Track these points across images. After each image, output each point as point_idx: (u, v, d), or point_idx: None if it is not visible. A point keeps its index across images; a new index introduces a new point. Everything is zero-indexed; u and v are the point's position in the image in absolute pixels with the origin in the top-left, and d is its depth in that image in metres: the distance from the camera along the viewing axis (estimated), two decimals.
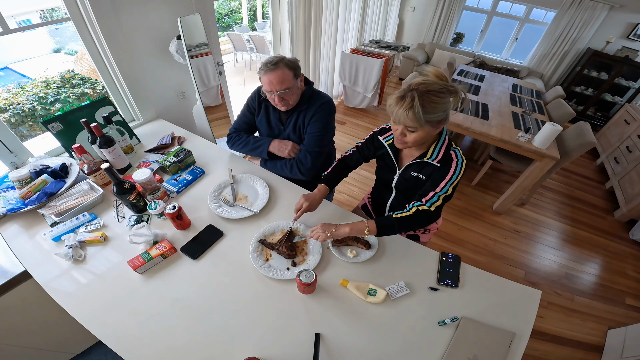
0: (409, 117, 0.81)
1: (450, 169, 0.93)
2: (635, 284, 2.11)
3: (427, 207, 0.94)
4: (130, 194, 1.05)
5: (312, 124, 1.22)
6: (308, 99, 1.22)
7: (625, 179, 2.71)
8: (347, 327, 0.86)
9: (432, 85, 0.81)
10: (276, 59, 1.08)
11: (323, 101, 1.22)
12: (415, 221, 0.95)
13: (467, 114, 2.39)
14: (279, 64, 1.07)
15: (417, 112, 0.79)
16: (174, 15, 1.58)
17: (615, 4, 3.62)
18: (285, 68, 1.08)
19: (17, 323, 1.11)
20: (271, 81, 1.08)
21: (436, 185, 0.94)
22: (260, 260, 1.00)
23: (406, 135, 0.88)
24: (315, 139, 1.24)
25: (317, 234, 0.98)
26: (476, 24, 4.81)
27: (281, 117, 1.29)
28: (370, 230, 0.96)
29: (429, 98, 0.79)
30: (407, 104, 0.80)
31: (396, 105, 0.83)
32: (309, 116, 1.22)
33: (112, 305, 0.87)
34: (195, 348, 0.79)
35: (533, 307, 0.92)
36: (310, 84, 1.25)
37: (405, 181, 1.07)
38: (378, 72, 3.40)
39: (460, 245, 2.22)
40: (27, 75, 4.47)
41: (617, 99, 4.04)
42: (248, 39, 4.92)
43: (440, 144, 0.95)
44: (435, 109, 0.80)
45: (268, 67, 1.07)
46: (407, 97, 0.80)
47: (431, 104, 0.80)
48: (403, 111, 0.81)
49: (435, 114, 0.81)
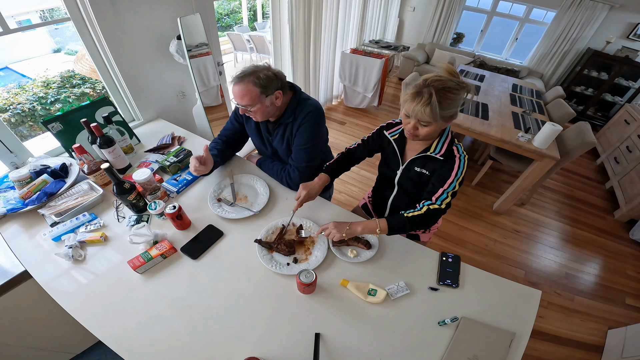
0: (426, 113, 0.82)
1: (455, 165, 0.95)
2: (635, 284, 2.11)
3: (438, 205, 0.95)
4: (130, 194, 1.05)
5: (298, 135, 1.14)
6: (293, 111, 1.13)
7: (625, 179, 2.71)
8: (347, 327, 0.86)
9: (447, 82, 0.83)
10: (247, 71, 1.02)
11: (309, 110, 1.12)
12: (427, 220, 0.96)
13: (467, 114, 2.39)
14: (245, 78, 1.01)
15: (434, 109, 0.81)
16: (174, 15, 1.58)
17: (615, 4, 3.62)
18: (250, 84, 1.00)
19: (17, 323, 1.11)
20: (235, 93, 1.04)
21: (443, 181, 0.95)
22: (264, 250, 1.02)
23: (418, 129, 0.90)
24: (302, 152, 1.16)
25: (331, 233, 0.97)
26: (476, 24, 4.81)
27: (268, 127, 1.23)
28: (382, 229, 0.96)
29: (445, 95, 0.81)
30: (425, 100, 0.81)
31: (412, 101, 0.84)
32: (296, 127, 1.14)
33: (112, 305, 0.87)
34: (195, 348, 0.79)
35: (533, 307, 0.92)
36: (297, 92, 1.15)
37: (408, 177, 1.08)
38: (378, 72, 3.40)
39: (460, 245, 2.22)
40: (27, 75, 4.47)
41: (617, 99, 4.04)
42: (248, 39, 4.92)
43: (444, 139, 0.97)
44: (451, 105, 0.83)
45: (234, 79, 1.03)
46: (424, 93, 0.82)
47: (447, 100, 0.82)
48: (420, 107, 0.82)
49: (450, 110, 0.84)
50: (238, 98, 1.04)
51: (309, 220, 1.13)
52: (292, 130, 1.16)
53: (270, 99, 1.06)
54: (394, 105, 4.13)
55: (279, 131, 1.19)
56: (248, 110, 1.07)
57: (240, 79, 1.02)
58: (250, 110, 1.07)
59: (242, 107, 1.06)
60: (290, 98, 1.14)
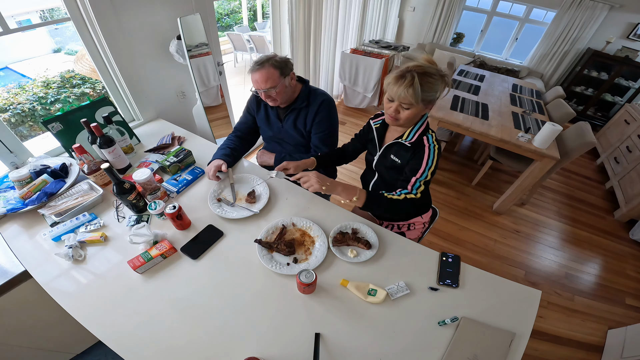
0: (408, 94, 0.88)
1: (424, 155, 1.01)
2: (635, 284, 2.11)
3: (414, 195, 1.02)
4: (130, 194, 1.05)
5: (318, 124, 1.28)
6: (306, 97, 1.26)
7: (625, 179, 2.71)
8: (347, 327, 0.86)
9: (428, 68, 0.90)
10: (264, 58, 1.13)
11: (322, 99, 1.26)
12: (402, 207, 1.02)
13: (467, 114, 2.39)
14: (264, 63, 1.11)
15: (417, 90, 0.88)
16: (174, 15, 1.58)
17: (615, 4, 3.62)
18: (271, 67, 1.11)
19: (17, 323, 1.11)
20: (257, 80, 1.13)
21: (415, 171, 1.02)
22: (264, 250, 1.02)
23: (399, 112, 0.96)
24: (326, 137, 1.31)
25: (310, 183, 1.00)
26: (476, 24, 4.81)
27: (279, 114, 1.32)
28: (360, 199, 1.01)
29: (426, 79, 0.89)
30: (408, 82, 0.88)
31: (395, 83, 0.90)
32: (311, 115, 1.27)
33: (112, 305, 0.87)
34: (196, 348, 0.79)
35: (533, 307, 0.92)
36: (306, 82, 1.28)
37: (384, 163, 1.14)
38: (378, 72, 3.40)
39: (460, 245, 2.22)
40: (27, 75, 4.47)
41: (617, 99, 4.04)
42: (248, 39, 4.92)
43: (418, 127, 1.03)
44: (431, 89, 0.90)
45: (254, 67, 1.13)
46: (407, 76, 0.88)
47: (428, 84, 0.89)
48: (403, 89, 0.88)
49: (430, 94, 0.91)
50: (262, 82, 1.13)
51: (309, 220, 1.13)
52: (305, 115, 1.28)
53: (287, 80, 1.17)
54: None
55: (291, 116, 1.29)
56: (270, 94, 1.16)
57: (261, 65, 1.11)
58: (273, 93, 1.15)
59: (264, 91, 1.14)
60: (302, 86, 1.27)
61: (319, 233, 1.09)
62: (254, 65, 1.13)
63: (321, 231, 1.09)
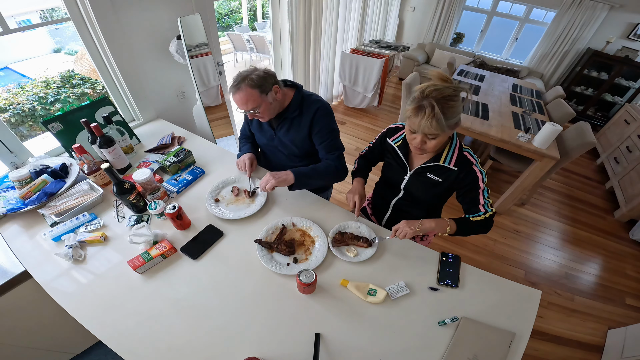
0: (432, 126, 0.81)
1: (477, 175, 0.98)
2: (635, 284, 2.11)
3: (492, 211, 1.00)
4: (130, 194, 1.05)
5: (320, 133, 1.18)
6: (298, 105, 1.17)
7: (625, 179, 2.71)
8: (347, 327, 0.86)
9: (444, 91, 0.81)
10: (239, 78, 1.04)
11: (317, 107, 1.16)
12: (487, 225, 1.00)
13: (467, 114, 2.39)
14: (240, 84, 1.03)
15: (440, 120, 0.80)
16: (174, 15, 1.58)
17: (615, 4, 3.62)
18: (248, 88, 1.03)
19: (17, 323, 1.11)
20: (237, 102, 1.07)
21: (476, 191, 0.99)
22: (264, 250, 1.02)
23: (426, 143, 0.89)
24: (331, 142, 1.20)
25: (403, 231, 0.97)
26: (476, 24, 4.81)
27: (271, 122, 1.26)
28: (451, 229, 0.98)
29: (446, 104, 0.81)
30: (429, 114, 0.80)
31: (416, 116, 0.83)
32: (306, 124, 1.18)
33: (112, 305, 0.87)
34: (196, 348, 0.79)
35: (533, 307, 0.92)
36: (299, 88, 1.19)
37: (419, 182, 1.08)
38: (378, 72, 3.40)
39: (460, 245, 2.22)
40: (27, 75, 4.47)
41: (617, 99, 4.04)
42: (248, 39, 4.92)
43: (454, 147, 0.98)
44: (454, 113, 0.83)
45: (231, 88, 1.06)
46: (426, 106, 0.81)
47: (450, 109, 0.81)
48: (426, 121, 0.81)
49: (455, 118, 0.84)
50: (242, 105, 1.07)
51: (309, 220, 1.13)
52: (299, 125, 1.19)
53: (270, 95, 1.09)
54: (394, 105, 4.13)
55: (284, 125, 1.22)
56: (256, 114, 1.11)
57: (237, 88, 1.04)
58: (258, 112, 1.10)
59: (249, 112, 1.09)
60: (293, 94, 1.18)
61: (319, 233, 1.09)
62: (231, 87, 1.05)
63: (321, 231, 1.09)
